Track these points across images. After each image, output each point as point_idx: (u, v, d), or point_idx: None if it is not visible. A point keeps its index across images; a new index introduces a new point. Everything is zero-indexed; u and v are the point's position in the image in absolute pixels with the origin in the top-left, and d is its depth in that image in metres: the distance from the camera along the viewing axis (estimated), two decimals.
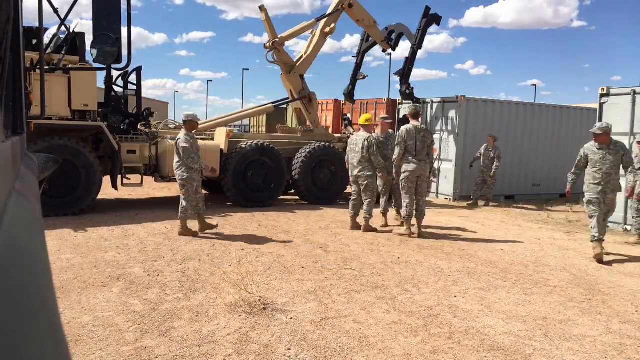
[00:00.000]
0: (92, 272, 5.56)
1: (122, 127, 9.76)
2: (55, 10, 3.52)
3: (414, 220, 8.17)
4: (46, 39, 9.14)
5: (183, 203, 7.59)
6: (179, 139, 7.48)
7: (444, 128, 13.39)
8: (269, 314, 4.43)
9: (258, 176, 10.64)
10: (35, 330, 0.55)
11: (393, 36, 13.10)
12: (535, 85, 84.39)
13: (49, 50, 8.79)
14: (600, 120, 10.13)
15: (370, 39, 13.28)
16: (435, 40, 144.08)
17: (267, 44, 11.83)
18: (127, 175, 9.81)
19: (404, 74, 12.99)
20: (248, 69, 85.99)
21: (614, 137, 9.83)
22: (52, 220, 8.19)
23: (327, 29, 12.25)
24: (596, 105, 10.58)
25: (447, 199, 13.38)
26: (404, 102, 13.71)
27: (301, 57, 12.48)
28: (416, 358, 3.72)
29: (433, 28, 13.96)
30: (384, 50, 13.38)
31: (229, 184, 10.44)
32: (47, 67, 7.71)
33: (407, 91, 12.94)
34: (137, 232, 7.78)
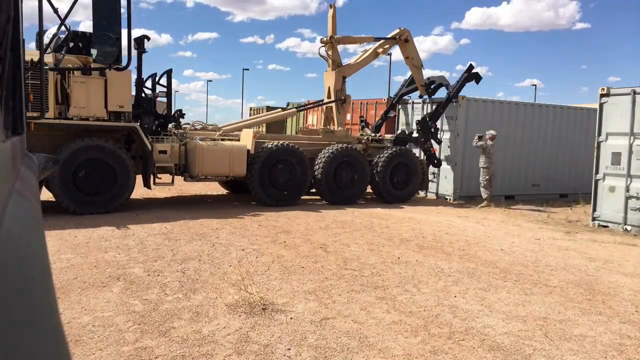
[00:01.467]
0: (92, 272, 5.56)
1: (152, 128, 10.07)
2: (55, 10, 3.51)
3: None
4: (46, 39, 9.15)
5: None
6: None
7: (444, 128, 13.42)
8: (269, 314, 4.43)
9: (283, 176, 10.83)
10: (35, 330, 0.55)
11: (432, 86, 13.61)
12: (535, 85, 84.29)
13: (48, 51, 8.81)
14: (600, 120, 10.14)
15: (410, 85, 13.99)
16: (440, 41, 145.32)
17: (324, 39, 12.57)
18: (159, 175, 10.05)
19: (434, 115, 13.22)
20: (248, 69, 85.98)
21: (614, 137, 9.91)
22: (52, 220, 8.19)
23: (380, 50, 13.31)
24: (595, 105, 10.58)
25: (447, 199, 13.39)
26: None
27: (350, 62, 13.25)
28: (416, 358, 3.72)
29: (439, 30, 14.56)
30: (420, 96, 13.96)
31: (254, 183, 10.60)
32: (47, 67, 7.72)
33: (433, 130, 13.13)
34: (137, 232, 7.78)
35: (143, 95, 10.14)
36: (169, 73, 10.35)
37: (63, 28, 9.45)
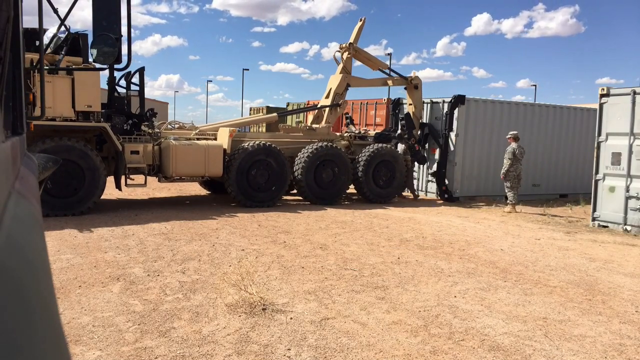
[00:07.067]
0: (92, 272, 5.56)
1: (125, 128, 9.82)
2: (55, 10, 3.52)
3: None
4: (46, 39, 9.15)
5: None
6: None
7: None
8: (269, 314, 4.43)
9: (261, 176, 10.65)
10: (35, 330, 0.55)
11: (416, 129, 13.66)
12: (535, 85, 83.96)
13: (48, 51, 8.81)
14: (600, 120, 10.15)
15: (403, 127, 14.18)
16: (456, 46, 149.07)
17: (344, 45, 12.83)
18: (131, 176, 9.86)
19: (442, 154, 13.16)
20: (248, 69, 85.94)
21: (614, 137, 9.92)
22: (52, 220, 8.19)
23: (390, 82, 13.62)
24: (588, 105, 10.58)
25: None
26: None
27: (361, 78, 13.63)
28: (416, 358, 3.72)
29: (452, 34, 14.76)
30: (412, 145, 13.99)
31: (231, 183, 10.44)
32: (46, 67, 7.72)
33: (448, 195, 13.06)
34: (137, 232, 7.78)
35: (116, 94, 9.87)
36: (141, 71, 10.06)
37: (63, 28, 9.45)
